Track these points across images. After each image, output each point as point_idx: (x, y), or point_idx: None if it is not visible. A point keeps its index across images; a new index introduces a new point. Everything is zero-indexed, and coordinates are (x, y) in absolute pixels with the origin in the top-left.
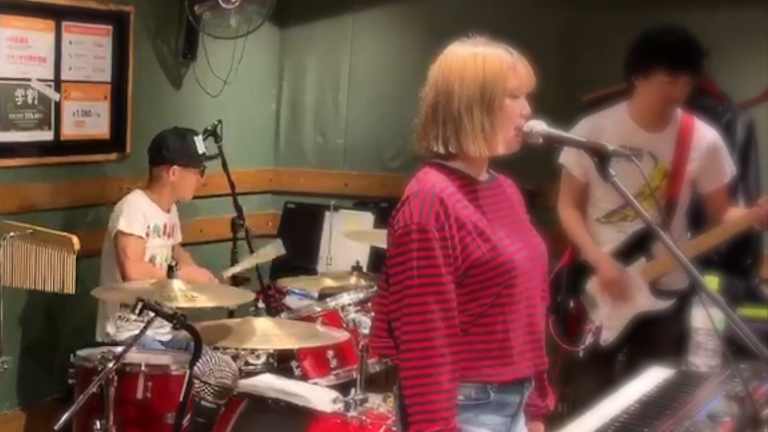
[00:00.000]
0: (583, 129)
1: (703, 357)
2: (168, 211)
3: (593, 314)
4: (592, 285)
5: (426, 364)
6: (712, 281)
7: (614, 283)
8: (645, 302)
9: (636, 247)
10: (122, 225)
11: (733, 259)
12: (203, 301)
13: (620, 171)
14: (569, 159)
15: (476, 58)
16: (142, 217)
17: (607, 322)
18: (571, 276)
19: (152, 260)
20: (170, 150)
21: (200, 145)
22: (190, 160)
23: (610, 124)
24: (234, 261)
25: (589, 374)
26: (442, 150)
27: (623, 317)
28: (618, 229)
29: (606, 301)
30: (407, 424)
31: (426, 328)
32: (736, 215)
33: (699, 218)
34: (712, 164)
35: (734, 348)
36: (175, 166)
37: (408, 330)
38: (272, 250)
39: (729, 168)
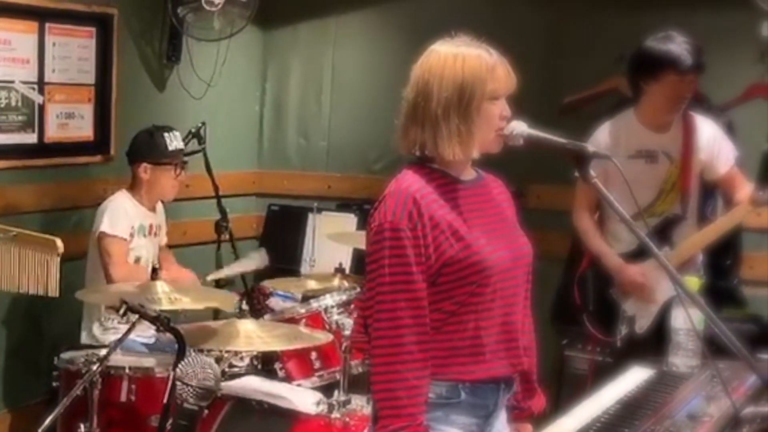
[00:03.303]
0: (603, 135)
1: (683, 357)
2: (153, 210)
3: (625, 305)
4: None
5: (393, 360)
6: (692, 282)
7: (639, 286)
8: (671, 289)
9: (658, 239)
10: (105, 226)
11: (714, 260)
12: (187, 304)
13: (643, 171)
14: None
15: (456, 59)
16: (125, 219)
17: (640, 311)
18: (600, 271)
19: (137, 261)
20: (138, 147)
21: (172, 142)
22: (159, 157)
23: (623, 131)
24: (219, 265)
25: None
26: (418, 153)
27: (655, 304)
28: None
29: None
30: (376, 419)
31: (395, 325)
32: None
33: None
34: (716, 150)
35: (714, 348)
36: (145, 164)
37: (378, 326)
38: (256, 260)
39: (732, 150)
